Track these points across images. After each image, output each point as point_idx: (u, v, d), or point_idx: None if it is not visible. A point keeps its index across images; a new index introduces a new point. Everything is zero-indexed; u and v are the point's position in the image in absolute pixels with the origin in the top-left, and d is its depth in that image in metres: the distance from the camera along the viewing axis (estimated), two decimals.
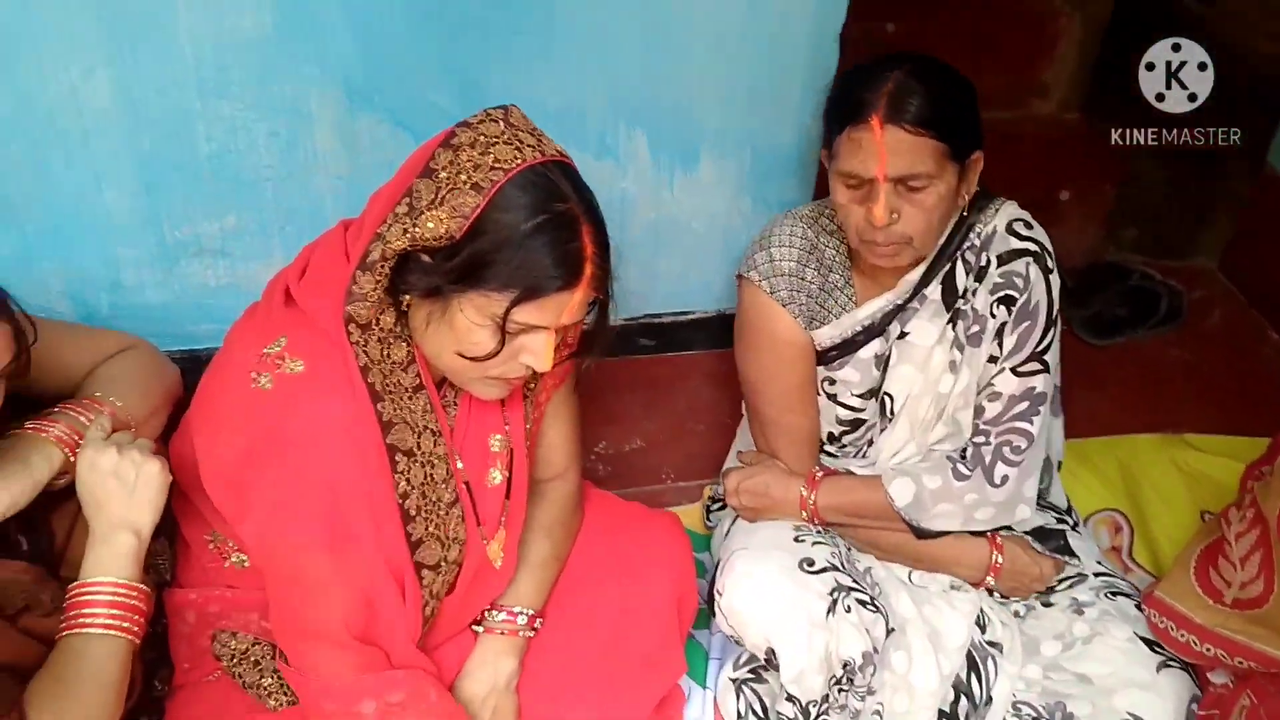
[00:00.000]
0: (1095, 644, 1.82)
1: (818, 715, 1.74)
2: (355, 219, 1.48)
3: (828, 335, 1.85)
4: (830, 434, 1.95)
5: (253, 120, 1.77)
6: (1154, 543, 2.22)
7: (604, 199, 1.63)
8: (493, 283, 1.35)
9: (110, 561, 1.40)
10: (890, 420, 1.88)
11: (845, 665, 1.70)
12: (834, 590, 1.70)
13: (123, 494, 1.42)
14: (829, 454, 1.98)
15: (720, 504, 2.08)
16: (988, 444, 1.80)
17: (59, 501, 1.57)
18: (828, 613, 1.68)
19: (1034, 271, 1.77)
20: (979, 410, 1.81)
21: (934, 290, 1.80)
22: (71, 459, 1.45)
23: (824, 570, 1.72)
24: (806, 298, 1.84)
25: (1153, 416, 2.51)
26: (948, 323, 1.81)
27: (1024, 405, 1.78)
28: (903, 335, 1.82)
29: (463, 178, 1.34)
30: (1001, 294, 1.78)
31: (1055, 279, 1.78)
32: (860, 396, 1.88)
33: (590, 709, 1.74)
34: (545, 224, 1.34)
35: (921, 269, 1.80)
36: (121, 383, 1.58)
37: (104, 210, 1.80)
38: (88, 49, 1.65)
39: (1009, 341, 1.78)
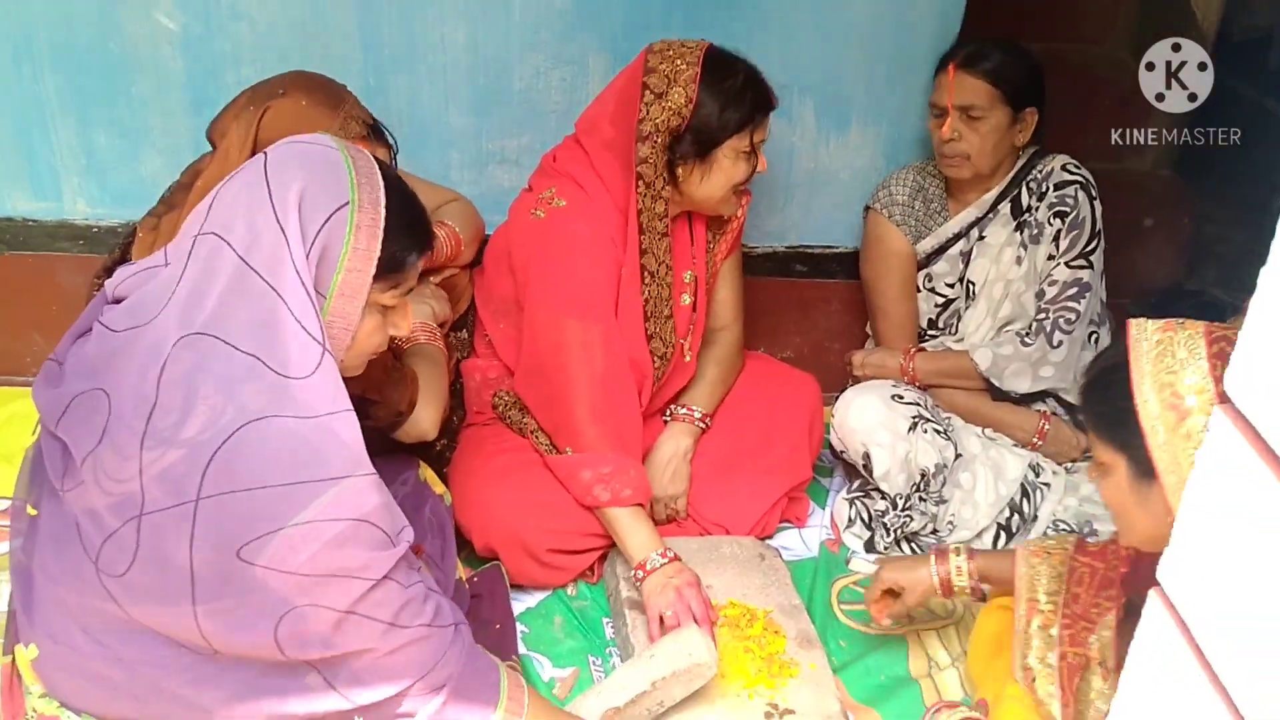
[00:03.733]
0: None
1: (902, 508, 2.30)
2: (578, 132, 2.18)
3: (929, 244, 2.49)
4: (930, 320, 2.55)
5: (550, 69, 2.46)
6: None
7: (777, 148, 2.32)
8: (739, 125, 2.06)
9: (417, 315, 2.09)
10: (972, 300, 2.48)
11: (922, 474, 2.26)
12: (915, 417, 2.27)
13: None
14: (931, 336, 2.57)
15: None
16: (1047, 318, 2.37)
17: None
18: (909, 429, 2.25)
19: (1081, 195, 2.37)
20: (1040, 294, 2.39)
21: (1004, 207, 2.43)
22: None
23: (910, 404, 2.30)
24: (915, 221, 2.49)
25: None
26: (1015, 229, 2.42)
27: (1074, 290, 2.36)
28: (981, 237, 2.45)
29: (678, 62, 2.04)
30: (1056, 209, 2.38)
31: (1098, 204, 2.38)
32: (949, 285, 2.49)
33: (740, 483, 2.35)
34: (745, 76, 2.07)
35: (996, 192, 2.43)
36: (457, 217, 2.28)
37: (447, 125, 2.51)
38: (457, 10, 2.37)
39: (1063, 244, 2.38)
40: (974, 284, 2.49)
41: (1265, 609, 0.76)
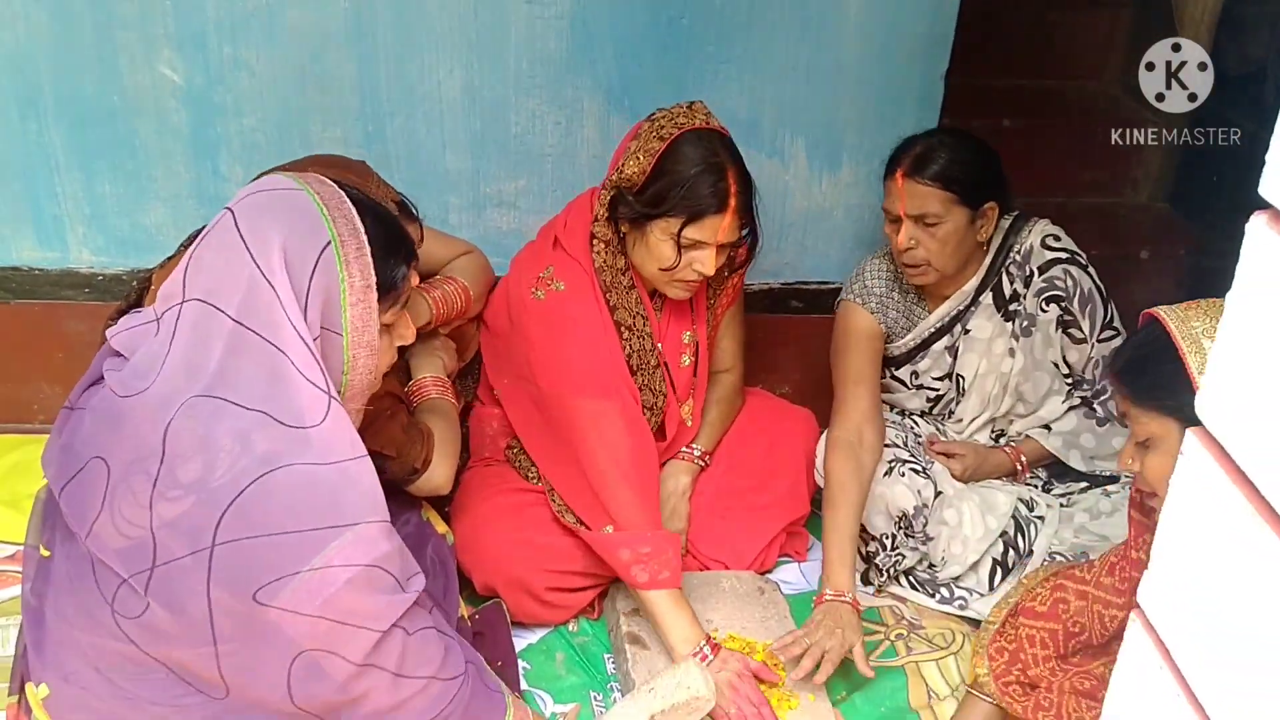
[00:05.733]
0: (1116, 516, 2.31)
1: (891, 548, 2.28)
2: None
3: (911, 339, 2.43)
4: (922, 410, 2.52)
5: (545, 113, 2.49)
6: None
7: (770, 188, 2.28)
8: (670, 211, 2.01)
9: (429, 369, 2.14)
10: (963, 394, 2.44)
11: (902, 514, 2.24)
12: (892, 460, 2.26)
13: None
14: (929, 412, 2.54)
15: None
16: (1108, 394, 2.32)
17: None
18: (885, 474, 2.24)
19: (1074, 270, 2.30)
20: (1090, 382, 2.37)
21: (986, 297, 2.36)
22: (436, 310, 2.16)
23: (889, 446, 2.29)
24: (894, 313, 2.41)
25: None
26: (1005, 320, 2.36)
27: None
28: (966, 331, 2.38)
29: (653, 134, 2.04)
30: (1047, 295, 2.31)
31: (1091, 270, 2.31)
32: (938, 380, 2.45)
33: (739, 519, 2.35)
34: (704, 170, 1.99)
35: (975, 282, 2.36)
36: (468, 272, 2.29)
37: (444, 169, 2.54)
38: (453, 56, 2.41)
39: (1085, 324, 2.31)
40: (964, 378, 2.42)
41: (1239, 629, 0.76)
